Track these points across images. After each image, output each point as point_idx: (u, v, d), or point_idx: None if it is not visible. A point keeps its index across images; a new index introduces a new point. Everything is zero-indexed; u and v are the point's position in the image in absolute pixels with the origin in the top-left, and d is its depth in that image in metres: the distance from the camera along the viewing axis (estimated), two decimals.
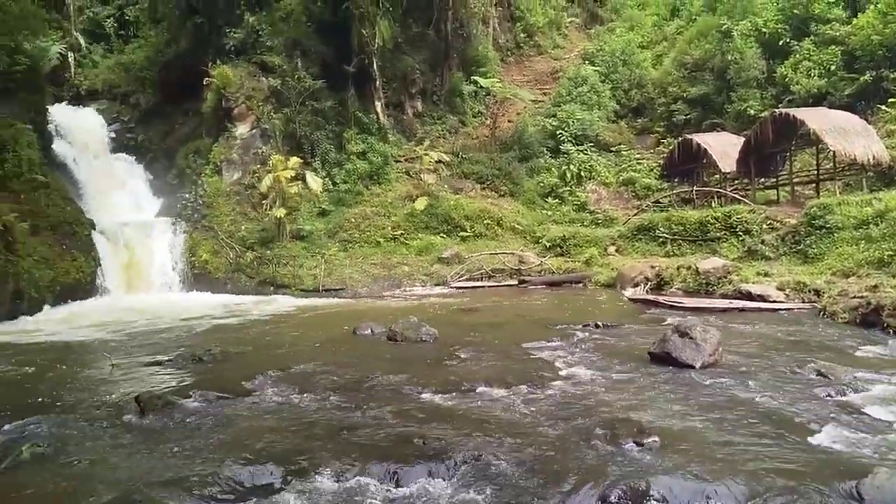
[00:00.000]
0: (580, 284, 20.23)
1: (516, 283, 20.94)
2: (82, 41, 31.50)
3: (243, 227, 22.81)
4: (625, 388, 7.49)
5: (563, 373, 8.29)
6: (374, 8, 25.21)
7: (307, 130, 24.91)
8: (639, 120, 30.99)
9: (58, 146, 22.88)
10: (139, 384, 8.26)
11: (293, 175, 22.38)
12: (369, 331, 12.04)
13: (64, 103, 26.89)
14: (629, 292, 16.88)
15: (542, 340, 10.55)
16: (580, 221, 25.15)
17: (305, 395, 7.37)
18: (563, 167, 27.20)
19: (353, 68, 25.54)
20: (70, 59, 29.57)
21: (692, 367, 8.22)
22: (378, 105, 26.90)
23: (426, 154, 25.56)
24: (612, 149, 29.01)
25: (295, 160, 22.90)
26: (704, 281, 15.95)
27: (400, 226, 23.90)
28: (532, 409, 6.61)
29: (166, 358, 9.90)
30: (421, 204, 23.93)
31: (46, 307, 16.41)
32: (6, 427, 6.39)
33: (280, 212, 21.90)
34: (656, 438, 5.45)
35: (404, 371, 8.37)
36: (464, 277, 21.43)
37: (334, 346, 10.90)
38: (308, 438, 5.71)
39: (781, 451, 5.22)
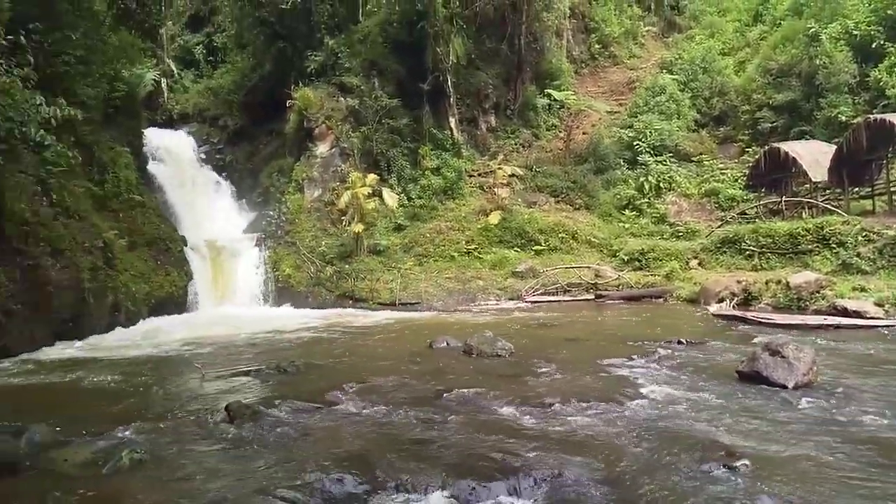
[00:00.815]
0: (660, 299, 19.64)
1: (593, 297, 20.56)
2: (174, 68, 33.59)
3: (323, 243, 23.52)
4: (711, 408, 7.20)
5: (644, 391, 8.07)
6: (448, 26, 25.62)
7: (383, 148, 25.49)
8: (721, 129, 29.92)
9: (152, 167, 24.38)
10: (228, 394, 8.63)
11: (370, 191, 22.93)
12: (445, 344, 12.12)
13: (158, 127, 28.68)
14: (714, 308, 16.23)
15: (621, 357, 10.30)
16: (659, 234, 24.46)
17: (384, 407, 7.50)
18: (641, 179, 26.58)
19: (428, 86, 25.99)
20: (163, 85, 31.58)
21: (784, 387, 7.81)
22: (452, 121, 27.22)
23: (500, 168, 25.61)
24: (693, 159, 28.12)
25: (372, 177, 23.46)
26: (796, 296, 15.14)
27: (474, 240, 23.99)
28: (613, 428, 6.47)
29: (253, 369, 10.31)
30: (495, 218, 23.95)
31: (142, 319, 17.42)
32: (106, 433, 6.82)
33: (358, 227, 22.46)
34: (747, 462, 5.21)
35: (480, 385, 8.37)
36: (538, 292, 21.23)
37: (411, 360, 11.03)
38: (388, 451, 5.80)
39: (892, 481, 4.88)
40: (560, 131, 30.42)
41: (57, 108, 12.71)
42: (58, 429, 6.85)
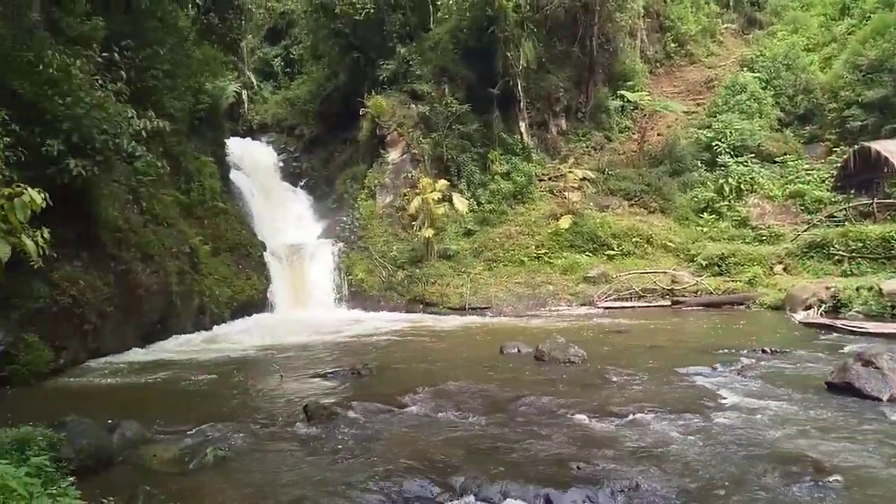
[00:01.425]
0: (742, 306, 18.83)
1: (669, 303, 19.93)
2: (254, 80, 34.96)
3: (395, 248, 23.87)
4: (799, 420, 6.84)
5: (726, 401, 7.76)
6: (518, 30, 25.53)
7: (453, 153, 25.64)
8: (807, 128, 28.44)
9: (234, 175, 25.43)
10: (305, 395, 8.88)
11: (440, 197, 23.11)
12: (516, 350, 12.05)
13: (239, 137, 29.90)
14: (800, 315, 15.43)
15: (700, 366, 9.94)
16: (741, 238, 23.45)
17: (457, 411, 7.53)
18: (721, 180, 25.59)
19: (498, 90, 25.97)
20: (244, 97, 32.93)
21: (878, 399, 7.34)
22: (522, 125, 27.09)
23: (570, 172, 25.26)
24: (777, 160, 26.85)
25: (442, 182, 23.64)
26: (890, 304, 14.21)
27: (544, 244, 23.74)
28: (693, 439, 6.25)
29: (329, 371, 10.57)
30: (565, 222, 23.63)
31: (225, 322, 18.17)
32: (192, 431, 7.15)
33: (428, 232, 22.67)
34: (839, 478, 4.92)
35: (553, 392, 8.27)
36: (611, 297, 20.78)
37: (482, 365, 11.03)
38: (461, 455, 5.81)
39: None
40: (633, 133, 29.71)
41: (147, 121, 13.48)
42: (149, 425, 7.24)
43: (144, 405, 8.76)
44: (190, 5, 22.31)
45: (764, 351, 11.00)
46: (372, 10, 26.52)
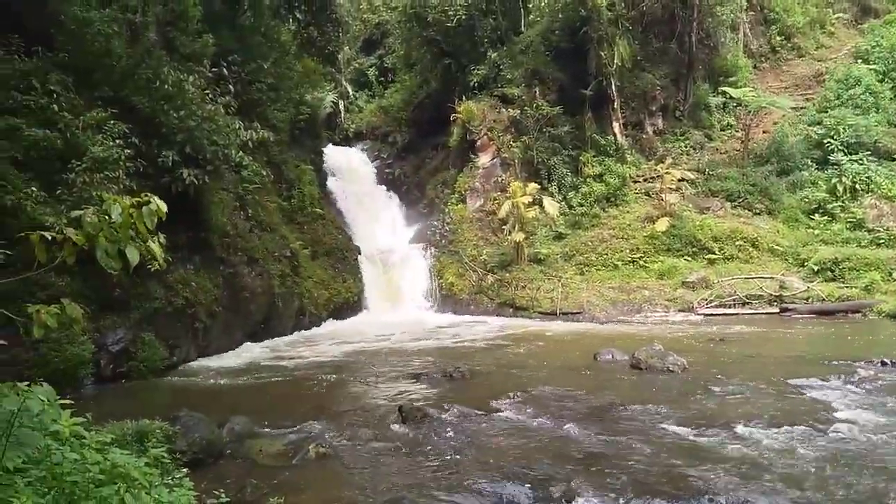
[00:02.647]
0: (858, 314, 17.47)
1: (777, 311, 18.76)
2: (350, 89, 36.13)
3: (484, 252, 23.89)
4: None
5: (841, 415, 7.23)
6: (612, 29, 24.93)
7: (544, 156, 25.36)
8: None
9: (330, 182, 26.38)
10: (400, 396, 9.06)
11: (531, 200, 22.91)
12: (610, 357, 11.75)
13: (335, 145, 30.98)
14: None
15: (812, 377, 9.31)
16: (856, 241, 21.74)
17: (550, 418, 7.43)
18: (833, 180, 23.84)
19: (591, 91, 25.47)
20: (340, 106, 34.12)
21: None
22: (616, 125, 26.40)
23: (667, 172, 24.33)
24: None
25: (532, 186, 23.43)
26: None
27: (639, 248, 22.99)
28: (805, 455, 5.86)
29: (422, 373, 10.73)
30: (662, 225, 22.77)
31: (322, 323, 18.87)
32: (295, 427, 7.46)
33: (518, 236, 22.53)
34: None
35: (651, 402, 8.00)
36: (713, 304, 19.82)
37: (575, 371, 10.83)
38: (556, 463, 5.74)
39: None
40: (737, 131, 28.24)
41: (253, 132, 14.27)
42: (255, 421, 7.62)
43: (250, 401, 9.24)
44: (291, 20, 23.43)
45: (883, 363, 10.17)
46: (463, 17, 26.74)
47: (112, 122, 11.31)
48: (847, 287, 19.04)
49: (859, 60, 28.91)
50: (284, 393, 9.89)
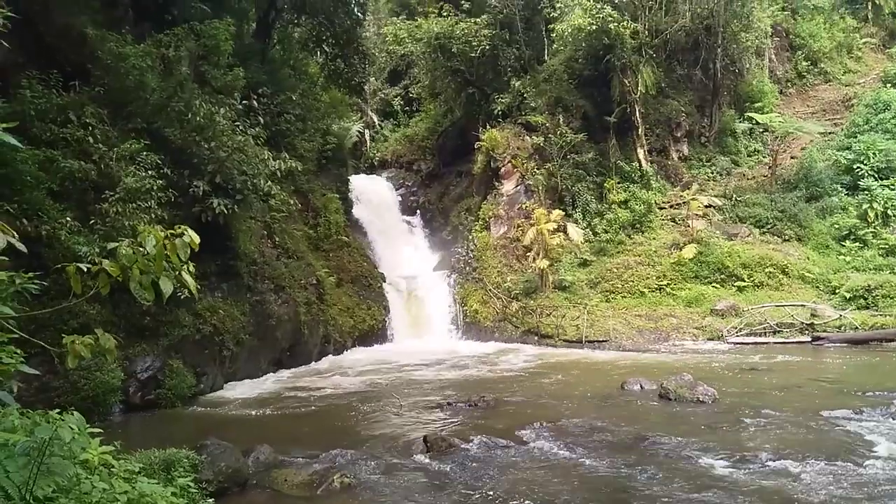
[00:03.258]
0: (893, 343, 16.97)
1: (808, 339, 18.32)
2: (376, 119, 36.67)
3: (509, 279, 23.80)
4: None
5: (879, 449, 7.00)
6: (636, 57, 25.02)
7: (568, 183, 25.35)
8: None
9: (356, 210, 26.64)
10: (424, 425, 9.00)
11: (555, 227, 22.84)
12: (638, 386, 11.55)
13: (361, 173, 31.36)
14: None
15: (847, 409, 9.05)
16: (889, 268, 21.22)
17: (578, 450, 7.31)
18: (864, 206, 23.41)
19: (614, 118, 25.48)
20: (366, 135, 34.62)
21: None
22: (640, 152, 26.31)
23: (694, 199, 24.11)
24: None
25: (557, 212, 23.39)
26: None
27: (666, 275, 22.69)
28: (843, 490, 5.67)
29: (446, 401, 10.66)
30: (689, 252, 22.49)
31: (347, 350, 18.90)
32: (320, 456, 7.44)
33: (542, 263, 22.42)
34: None
35: (682, 434, 7.83)
36: (742, 332, 19.42)
37: (603, 401, 10.67)
38: (590, 498, 5.62)
39: None
40: (764, 157, 27.95)
41: (281, 161, 14.52)
42: (281, 450, 7.61)
43: (275, 430, 9.25)
44: (319, 53, 23.96)
45: None
46: (487, 47, 27.08)
47: (145, 153, 11.62)
48: (881, 315, 18.56)
49: (888, 84, 28.60)
50: (309, 422, 9.89)
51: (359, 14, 25.13)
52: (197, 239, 3.07)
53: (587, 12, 23.14)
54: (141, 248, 3.06)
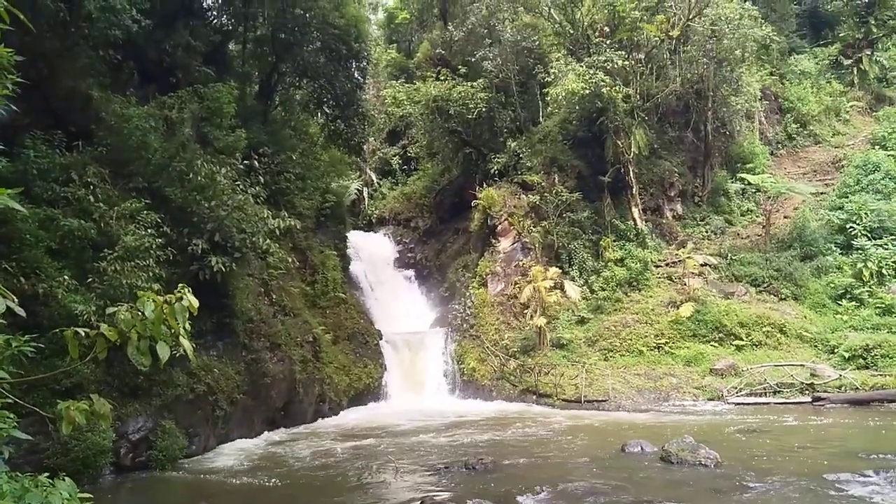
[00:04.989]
0: (894, 404, 16.78)
1: (809, 400, 18.12)
2: (374, 177, 37.23)
3: (506, 336, 23.66)
4: None
5: None
6: (628, 119, 25.65)
7: (564, 241, 25.55)
8: None
9: (353, 266, 26.71)
10: (421, 489, 8.78)
11: (552, 284, 22.88)
12: (639, 449, 11.34)
13: (359, 230, 31.60)
14: None
15: (851, 472, 8.89)
16: (886, 327, 21.16)
17: None
18: (859, 265, 23.54)
19: (609, 178, 25.90)
20: (365, 193, 35.07)
21: None
22: (635, 211, 26.63)
23: (689, 257, 24.27)
24: None
25: (553, 270, 23.46)
26: None
27: (664, 333, 22.58)
28: None
29: (443, 464, 10.43)
30: (686, 310, 22.46)
31: (342, 410, 18.56)
32: None
33: (540, 320, 22.34)
34: None
35: (686, 499, 7.67)
36: (743, 392, 19.20)
37: (603, 464, 10.45)
38: None
39: None
40: (757, 216, 28.30)
41: (280, 220, 14.65)
42: None
43: (267, 495, 9.01)
44: (319, 114, 24.56)
45: None
46: (483, 109, 27.78)
47: (145, 211, 11.74)
48: (881, 375, 18.43)
49: (877, 146, 29.26)
50: (303, 485, 9.65)
51: (359, 77, 25.87)
52: (196, 303, 3.10)
53: (580, 77, 23.85)
54: (140, 313, 3.07)
